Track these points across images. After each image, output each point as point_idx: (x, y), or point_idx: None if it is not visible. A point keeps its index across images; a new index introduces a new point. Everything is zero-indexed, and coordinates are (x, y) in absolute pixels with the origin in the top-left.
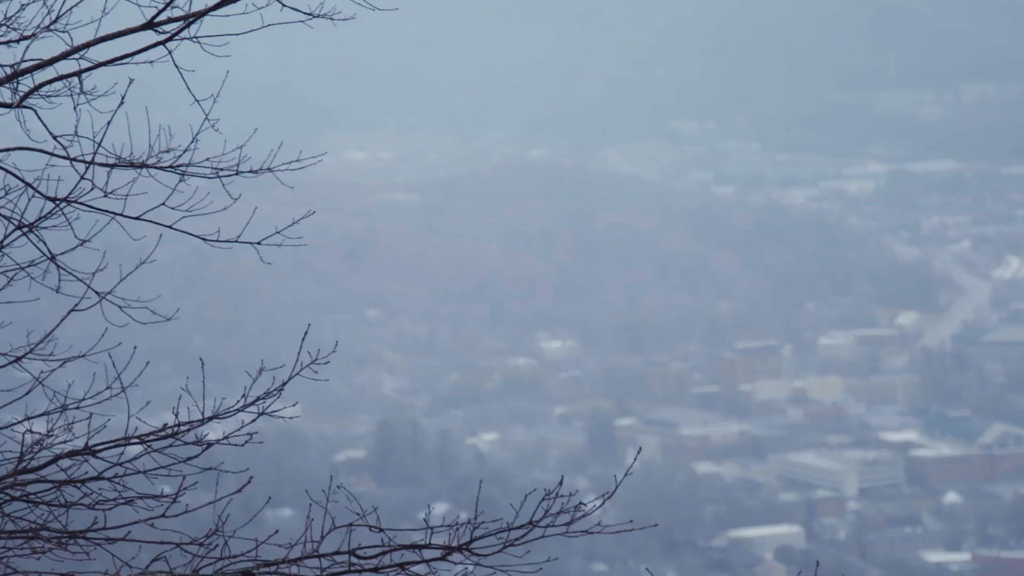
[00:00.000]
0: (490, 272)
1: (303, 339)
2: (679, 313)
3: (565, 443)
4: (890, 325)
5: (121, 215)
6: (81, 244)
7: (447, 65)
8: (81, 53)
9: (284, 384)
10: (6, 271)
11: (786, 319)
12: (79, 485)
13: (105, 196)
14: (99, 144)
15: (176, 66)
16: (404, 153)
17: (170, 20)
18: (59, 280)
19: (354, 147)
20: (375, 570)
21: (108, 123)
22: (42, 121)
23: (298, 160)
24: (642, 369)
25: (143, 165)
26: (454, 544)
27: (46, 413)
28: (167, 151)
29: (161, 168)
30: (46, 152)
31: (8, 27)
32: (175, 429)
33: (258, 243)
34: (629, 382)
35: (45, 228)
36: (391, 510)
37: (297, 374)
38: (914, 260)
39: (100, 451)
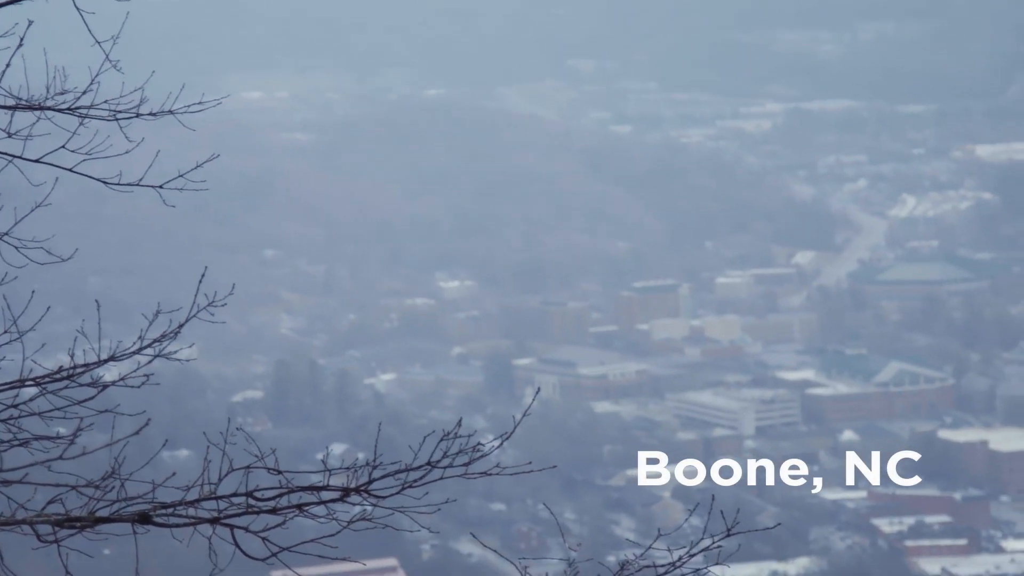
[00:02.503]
0: (388, 212)
1: (200, 282)
2: (577, 252)
3: (463, 383)
4: (787, 264)
5: (21, 158)
6: None
7: (344, 3)
8: None
9: (181, 326)
10: None
11: (684, 258)
12: None
13: (9, 137)
14: None
15: (77, 7)
16: (301, 92)
17: None
18: None
19: (251, 86)
20: (273, 511)
21: (8, 64)
22: None
23: (200, 103)
24: (540, 308)
25: (42, 107)
26: (352, 486)
27: None
28: (63, 92)
29: (59, 110)
30: None
31: None
32: (71, 371)
33: (160, 187)
34: (527, 321)
35: None
36: (289, 450)
37: (194, 316)
38: (811, 199)
39: None
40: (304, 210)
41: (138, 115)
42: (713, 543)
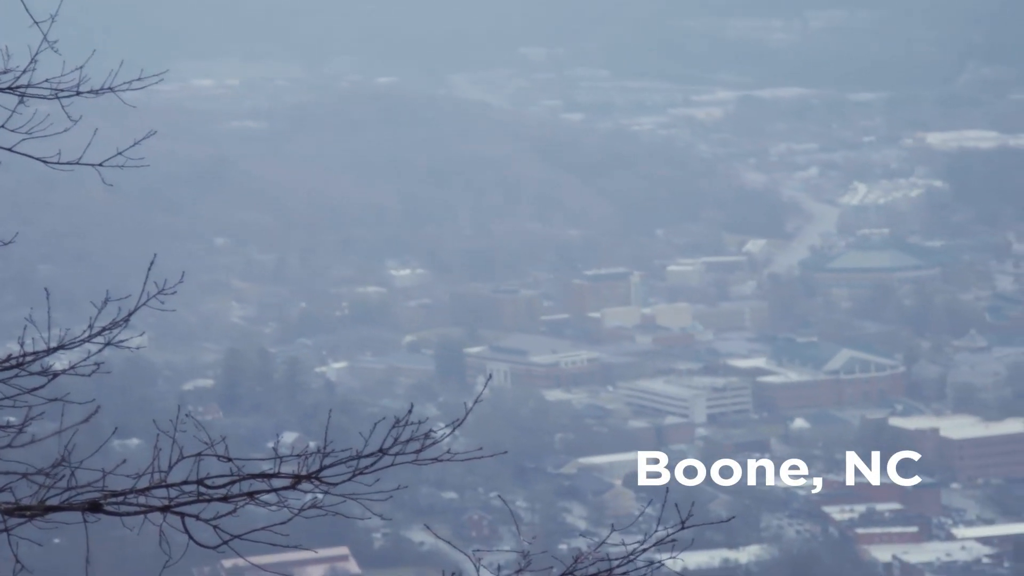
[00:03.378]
0: (339, 200)
1: (149, 269)
2: (529, 240)
3: (414, 371)
4: (738, 252)
5: None
6: None
7: None
8: None
9: (130, 315)
10: None
11: (635, 246)
12: None
13: None
14: None
15: None
16: (251, 80)
17: None
18: None
19: (200, 74)
20: (224, 499)
21: None
22: None
23: (139, 79)
24: (491, 296)
25: None
26: (303, 473)
27: None
28: (5, 72)
29: (0, 90)
30: None
31: None
32: (20, 359)
33: (100, 164)
34: (478, 309)
35: None
36: (240, 439)
37: (143, 304)
38: (762, 187)
39: None
40: (255, 198)
41: (78, 93)
42: (668, 536)
